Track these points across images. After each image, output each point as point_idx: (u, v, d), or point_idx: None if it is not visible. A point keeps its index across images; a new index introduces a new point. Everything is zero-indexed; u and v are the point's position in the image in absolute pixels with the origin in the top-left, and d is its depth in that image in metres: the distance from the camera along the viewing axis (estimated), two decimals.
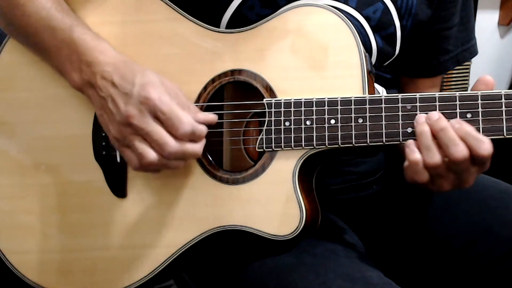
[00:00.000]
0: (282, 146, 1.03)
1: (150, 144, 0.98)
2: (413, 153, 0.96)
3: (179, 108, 0.98)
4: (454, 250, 1.19)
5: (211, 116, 1.03)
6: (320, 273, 1.02)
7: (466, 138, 0.94)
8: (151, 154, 0.98)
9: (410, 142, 0.97)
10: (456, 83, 2.59)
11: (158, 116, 0.98)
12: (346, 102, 1.01)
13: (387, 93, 1.23)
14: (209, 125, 1.03)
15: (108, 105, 1.00)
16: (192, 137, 0.99)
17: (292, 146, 1.02)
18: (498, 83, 2.84)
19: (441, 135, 0.95)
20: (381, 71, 1.22)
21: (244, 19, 1.11)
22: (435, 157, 0.95)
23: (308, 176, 1.07)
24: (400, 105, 0.99)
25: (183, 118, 0.98)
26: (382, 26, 1.16)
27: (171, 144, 0.97)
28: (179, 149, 0.98)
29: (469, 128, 0.94)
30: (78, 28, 1.05)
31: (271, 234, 1.02)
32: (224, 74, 1.07)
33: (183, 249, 1.06)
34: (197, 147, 1.00)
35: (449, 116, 0.97)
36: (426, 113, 0.97)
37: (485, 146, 0.93)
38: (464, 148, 0.94)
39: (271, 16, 1.07)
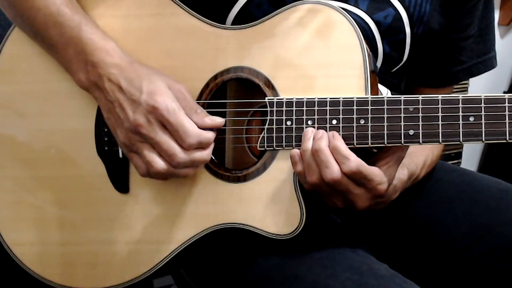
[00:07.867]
0: (284, 146, 1.03)
1: (159, 153, 0.99)
2: (296, 165, 0.99)
3: (186, 117, 0.99)
4: (454, 249, 1.19)
5: (218, 121, 1.03)
6: (327, 266, 1.02)
7: (334, 153, 0.97)
8: (159, 164, 0.99)
9: (293, 154, 0.99)
10: None
11: (166, 126, 0.99)
12: (348, 102, 1.00)
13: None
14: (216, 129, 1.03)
15: (116, 110, 1.01)
16: (199, 146, 1.00)
17: (294, 145, 1.02)
18: (498, 83, 2.84)
19: (316, 157, 0.97)
20: (389, 76, 1.22)
21: (251, 17, 1.11)
22: (314, 176, 0.98)
23: None
24: (402, 107, 0.99)
25: (189, 130, 0.99)
26: (391, 32, 1.15)
27: (179, 154, 0.99)
28: (187, 159, 0.99)
29: (339, 143, 0.97)
30: (87, 27, 1.05)
31: (272, 233, 1.03)
32: (227, 71, 1.07)
33: (184, 246, 1.06)
34: (205, 154, 1.01)
35: (452, 120, 0.97)
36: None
37: (349, 164, 0.96)
38: (336, 170, 0.96)
39: (274, 13, 1.06)
